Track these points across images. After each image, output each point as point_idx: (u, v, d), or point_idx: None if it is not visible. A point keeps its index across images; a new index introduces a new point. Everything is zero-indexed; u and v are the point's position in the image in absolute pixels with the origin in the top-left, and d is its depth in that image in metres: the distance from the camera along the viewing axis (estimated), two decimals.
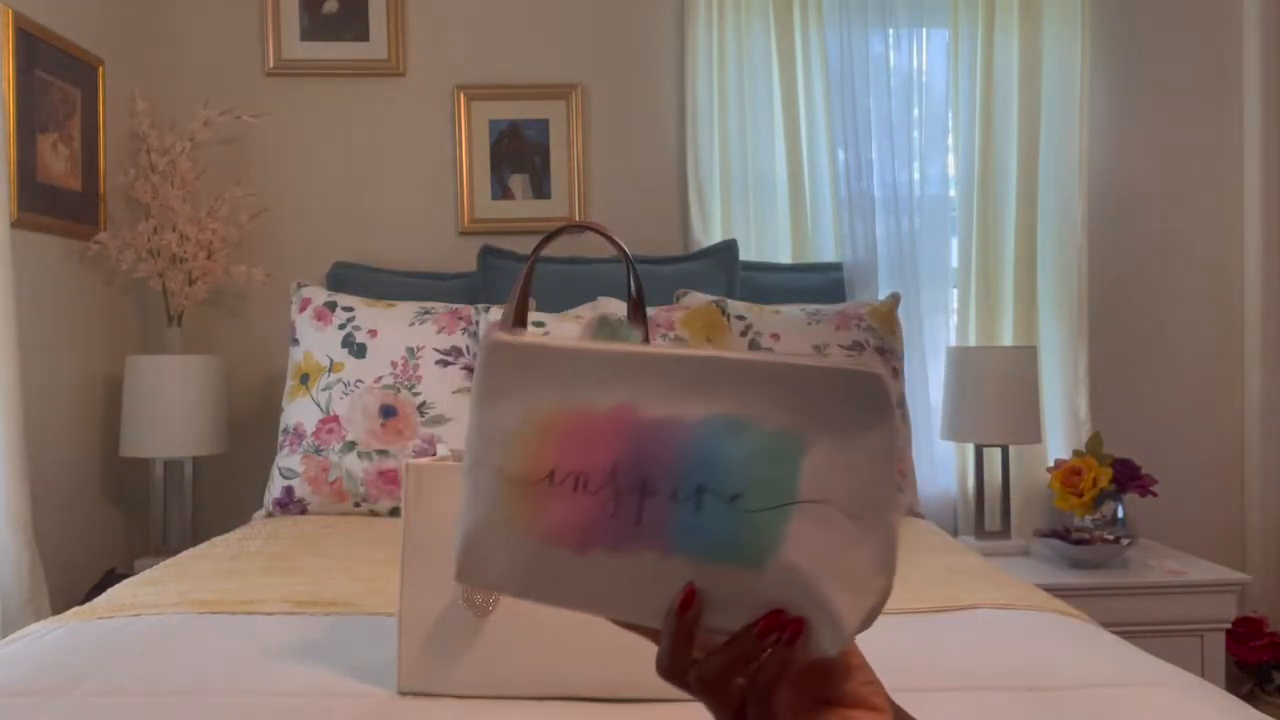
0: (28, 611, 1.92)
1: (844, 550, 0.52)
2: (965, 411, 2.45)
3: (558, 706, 1.08)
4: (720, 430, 0.53)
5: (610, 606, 0.56)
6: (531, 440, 0.56)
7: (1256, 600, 2.59)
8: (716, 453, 0.53)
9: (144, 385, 2.37)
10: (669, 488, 0.53)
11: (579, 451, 0.55)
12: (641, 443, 0.54)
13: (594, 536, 0.54)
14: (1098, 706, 1.08)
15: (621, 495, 0.54)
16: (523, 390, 0.57)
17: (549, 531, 0.55)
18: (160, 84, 2.70)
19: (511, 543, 0.56)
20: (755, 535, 0.52)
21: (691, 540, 0.53)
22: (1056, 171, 2.66)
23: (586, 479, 0.54)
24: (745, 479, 0.52)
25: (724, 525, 0.52)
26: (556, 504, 0.55)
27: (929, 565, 1.69)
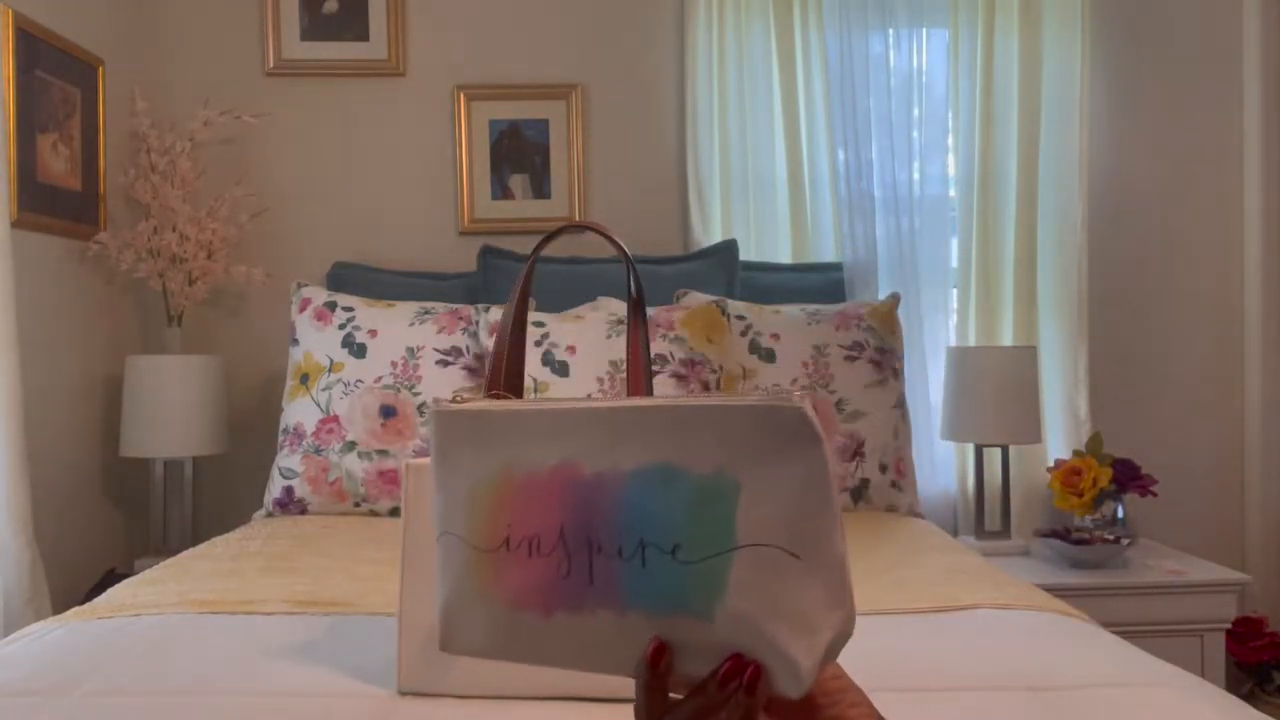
0: (29, 611, 1.92)
1: (790, 591, 0.50)
2: (965, 411, 2.45)
3: (558, 706, 1.08)
4: (654, 480, 0.52)
5: (584, 663, 0.56)
6: (485, 506, 0.57)
7: (1256, 600, 2.59)
8: (652, 505, 0.52)
9: (144, 385, 2.37)
10: (614, 545, 0.53)
11: (529, 515, 0.55)
12: (583, 501, 0.54)
13: (553, 599, 0.54)
14: (1098, 706, 1.08)
15: (572, 556, 0.54)
16: (473, 457, 0.58)
17: (513, 597, 0.55)
18: (160, 84, 2.70)
19: (483, 610, 0.57)
20: (700, 586, 0.51)
21: (642, 596, 0.52)
22: (1056, 171, 2.66)
23: (539, 543, 0.55)
24: (682, 529, 0.51)
25: (669, 579, 0.51)
26: (515, 570, 0.55)
27: (929, 565, 1.69)
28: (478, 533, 0.57)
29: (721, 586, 0.50)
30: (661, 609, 0.52)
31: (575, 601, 0.54)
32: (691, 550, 0.51)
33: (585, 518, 0.53)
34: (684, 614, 0.51)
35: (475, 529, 0.57)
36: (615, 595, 0.53)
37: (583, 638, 0.54)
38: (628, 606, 0.52)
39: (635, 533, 0.52)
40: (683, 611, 0.51)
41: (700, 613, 0.51)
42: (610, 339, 2.14)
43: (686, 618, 0.51)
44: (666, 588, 0.51)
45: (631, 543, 0.52)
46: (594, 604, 0.53)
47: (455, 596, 0.58)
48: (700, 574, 0.51)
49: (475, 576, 0.57)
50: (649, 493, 0.52)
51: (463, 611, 0.58)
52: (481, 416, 0.58)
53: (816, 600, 0.50)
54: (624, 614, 0.53)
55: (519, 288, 0.68)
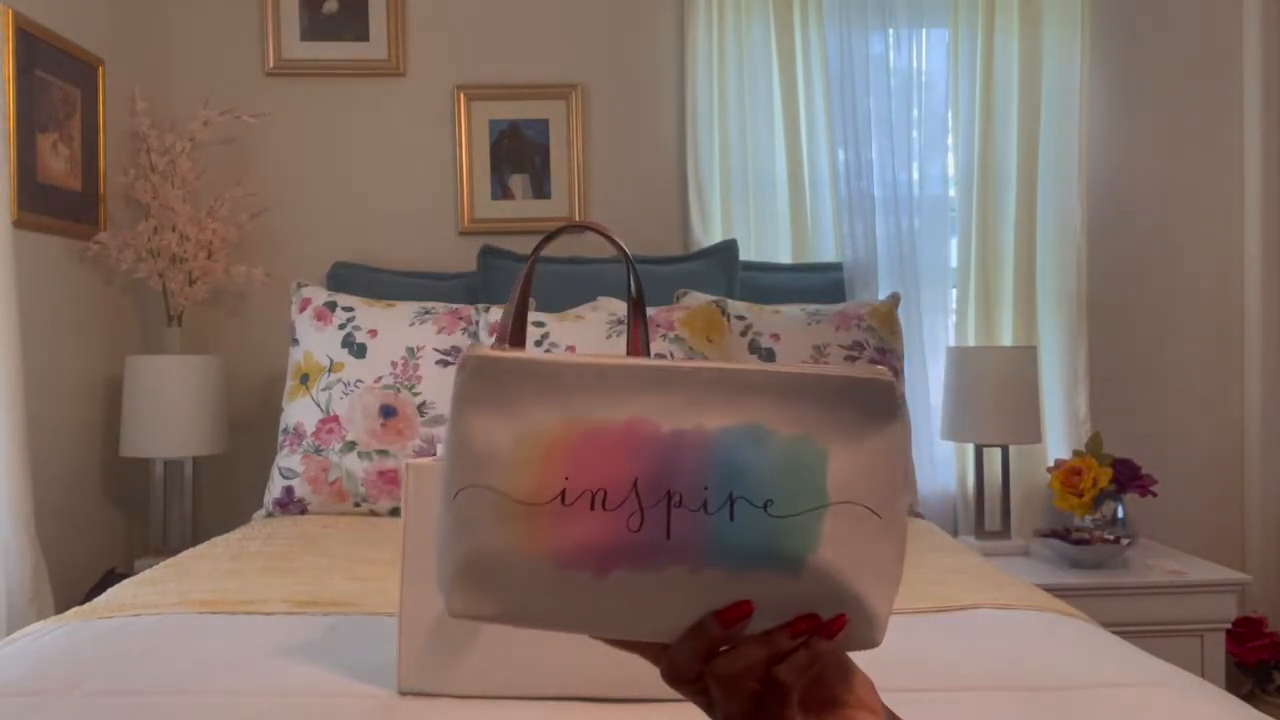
0: (31, 611, 1.92)
1: (872, 546, 0.53)
2: (965, 411, 2.45)
3: (558, 706, 1.08)
4: (743, 439, 0.53)
5: (626, 627, 0.54)
6: (535, 459, 0.54)
7: (1256, 600, 2.59)
8: (743, 461, 0.52)
9: (144, 385, 2.37)
10: (698, 499, 0.52)
11: (594, 468, 0.53)
12: (663, 456, 0.53)
13: (616, 556, 0.52)
14: (1098, 706, 1.08)
15: (646, 510, 0.52)
16: (522, 407, 0.55)
17: (565, 554, 0.53)
18: (160, 84, 2.70)
19: (517, 570, 0.54)
20: (792, 540, 0.52)
21: (726, 551, 0.52)
22: (1056, 171, 2.66)
23: (605, 496, 0.52)
24: (775, 485, 0.52)
25: (760, 533, 0.52)
26: (571, 525, 0.53)
27: (929, 565, 1.69)
28: (523, 485, 0.53)
29: (815, 539, 0.52)
30: (744, 565, 0.52)
31: (643, 557, 0.52)
32: (785, 505, 0.52)
33: (665, 471, 0.52)
34: (767, 569, 0.52)
35: (519, 481, 0.53)
36: (694, 549, 0.52)
37: (638, 598, 0.53)
38: (706, 561, 0.52)
39: (724, 486, 0.52)
40: (767, 566, 0.52)
41: (789, 566, 0.52)
42: (610, 339, 2.14)
43: (769, 572, 0.52)
44: (755, 541, 0.52)
45: (719, 496, 0.52)
46: (666, 559, 0.52)
47: (482, 554, 0.54)
48: (795, 526, 0.52)
49: (510, 533, 0.53)
50: (737, 450, 0.53)
51: (490, 570, 0.54)
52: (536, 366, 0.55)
53: (891, 555, 0.54)
54: (699, 570, 0.52)
55: (519, 287, 0.68)
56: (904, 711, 0.62)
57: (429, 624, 1.10)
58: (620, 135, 2.76)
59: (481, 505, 0.54)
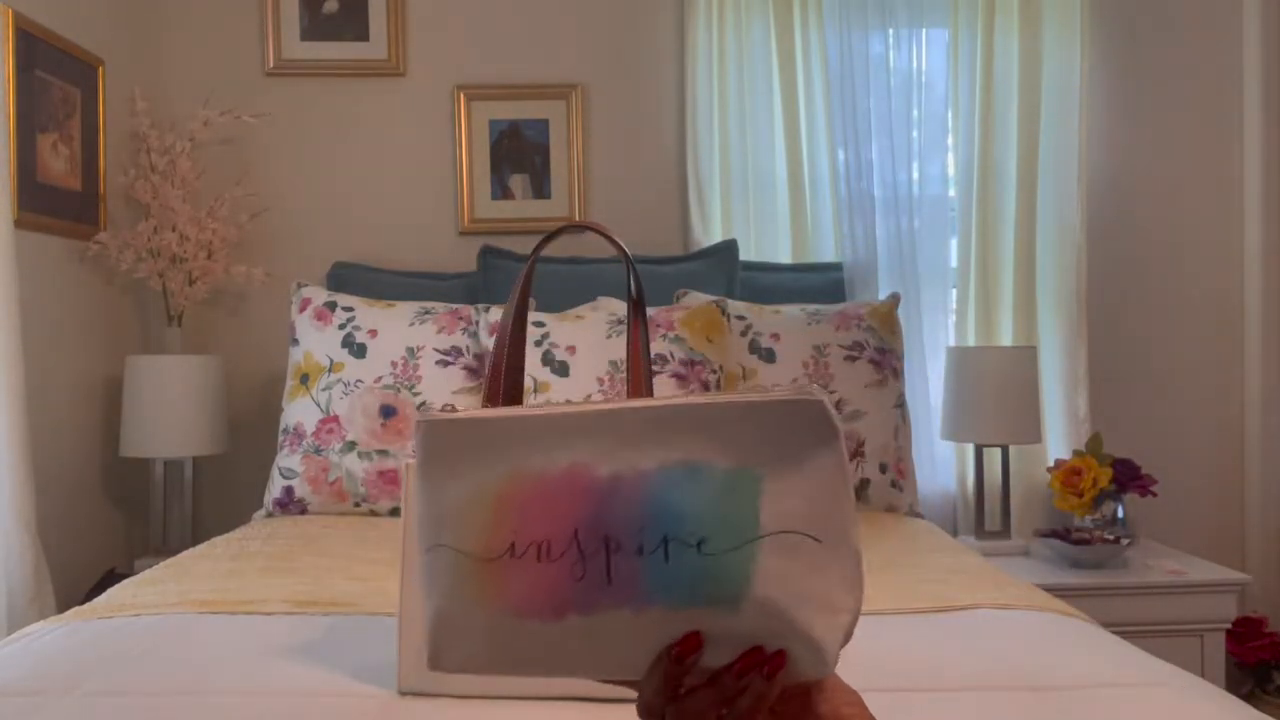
0: (32, 611, 1.92)
1: (814, 575, 0.52)
2: (965, 411, 2.45)
3: (557, 706, 1.08)
4: (675, 478, 0.53)
5: (592, 668, 0.55)
6: (487, 515, 0.55)
7: (1256, 600, 2.59)
8: (675, 501, 0.53)
9: (144, 385, 2.37)
10: (634, 543, 0.53)
11: (537, 520, 0.54)
12: (599, 502, 0.53)
13: (565, 603, 0.54)
14: (1098, 706, 1.08)
15: (587, 558, 0.53)
16: (469, 466, 0.57)
17: (518, 605, 0.54)
18: (160, 84, 2.70)
19: (481, 622, 0.56)
20: (725, 577, 0.52)
21: (663, 591, 0.53)
22: (1056, 171, 2.66)
23: (549, 547, 0.54)
24: (707, 522, 0.52)
25: (693, 571, 0.52)
26: (522, 576, 0.54)
27: (929, 565, 1.69)
28: (476, 542, 0.56)
29: (748, 574, 0.52)
30: (683, 602, 0.52)
31: (589, 603, 0.53)
32: (717, 542, 0.52)
33: (602, 517, 0.53)
34: (707, 605, 0.52)
35: (473, 538, 0.56)
36: (634, 592, 0.53)
37: (594, 640, 0.54)
38: (647, 603, 0.53)
39: (658, 528, 0.52)
40: (706, 603, 0.52)
41: (725, 603, 0.52)
42: (610, 339, 2.14)
43: (709, 609, 0.52)
44: (691, 580, 0.52)
45: (654, 538, 0.52)
46: (610, 603, 0.53)
47: (448, 610, 0.56)
48: (727, 564, 0.52)
49: (472, 587, 0.56)
50: (671, 489, 0.53)
51: (457, 625, 0.56)
52: (478, 424, 0.57)
53: (837, 583, 0.53)
54: (641, 610, 0.53)
55: (519, 287, 0.68)
56: (905, 711, 0.62)
57: None
58: (620, 135, 2.76)
59: (445, 563, 0.57)
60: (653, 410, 0.54)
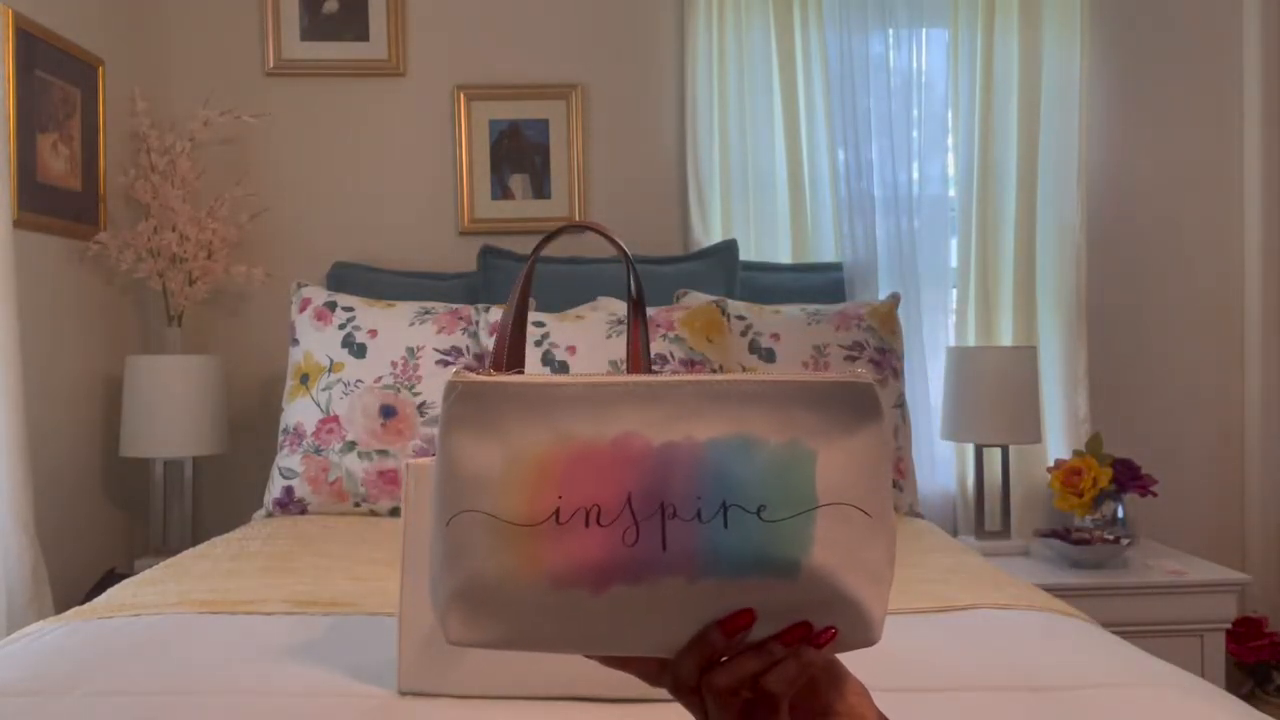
0: (30, 611, 1.92)
1: (864, 545, 0.54)
2: (965, 411, 2.45)
3: (557, 706, 1.07)
4: (732, 448, 0.53)
5: (626, 644, 0.55)
6: (527, 481, 0.54)
7: (1256, 600, 2.59)
8: (733, 469, 0.53)
9: (144, 385, 2.37)
10: (692, 509, 0.52)
11: (586, 485, 0.53)
12: (655, 469, 0.53)
13: (613, 571, 0.52)
14: (1098, 706, 1.07)
15: (640, 524, 0.52)
16: (507, 429, 0.54)
17: (561, 573, 0.53)
18: (160, 84, 2.70)
19: (513, 594, 0.53)
20: (786, 543, 0.52)
21: (722, 558, 0.52)
22: (1056, 171, 2.66)
23: (599, 512, 0.53)
24: (766, 491, 0.53)
25: (754, 538, 0.52)
26: (566, 543, 0.53)
27: (929, 565, 1.69)
28: (515, 508, 0.53)
29: (807, 541, 0.53)
30: (739, 571, 0.52)
31: (640, 570, 0.53)
32: (776, 509, 0.53)
33: (658, 484, 0.53)
34: (763, 575, 0.53)
35: (512, 503, 0.53)
36: (690, 559, 0.52)
37: (636, 613, 0.53)
38: (701, 573, 0.53)
39: (717, 495, 0.53)
40: (763, 572, 0.53)
41: (784, 571, 0.53)
42: (610, 339, 2.14)
43: (764, 578, 0.53)
44: (751, 546, 0.52)
45: (713, 505, 0.52)
46: (662, 571, 0.53)
47: (478, 580, 0.53)
48: (787, 530, 0.53)
49: (508, 554, 0.53)
50: (728, 459, 0.53)
51: (485, 596, 0.54)
52: (517, 389, 0.55)
53: (882, 554, 0.55)
54: (695, 580, 0.53)
55: (519, 287, 0.68)
56: (904, 712, 0.62)
57: (429, 624, 1.10)
58: (620, 135, 2.76)
59: (475, 530, 0.54)
60: (706, 383, 0.55)
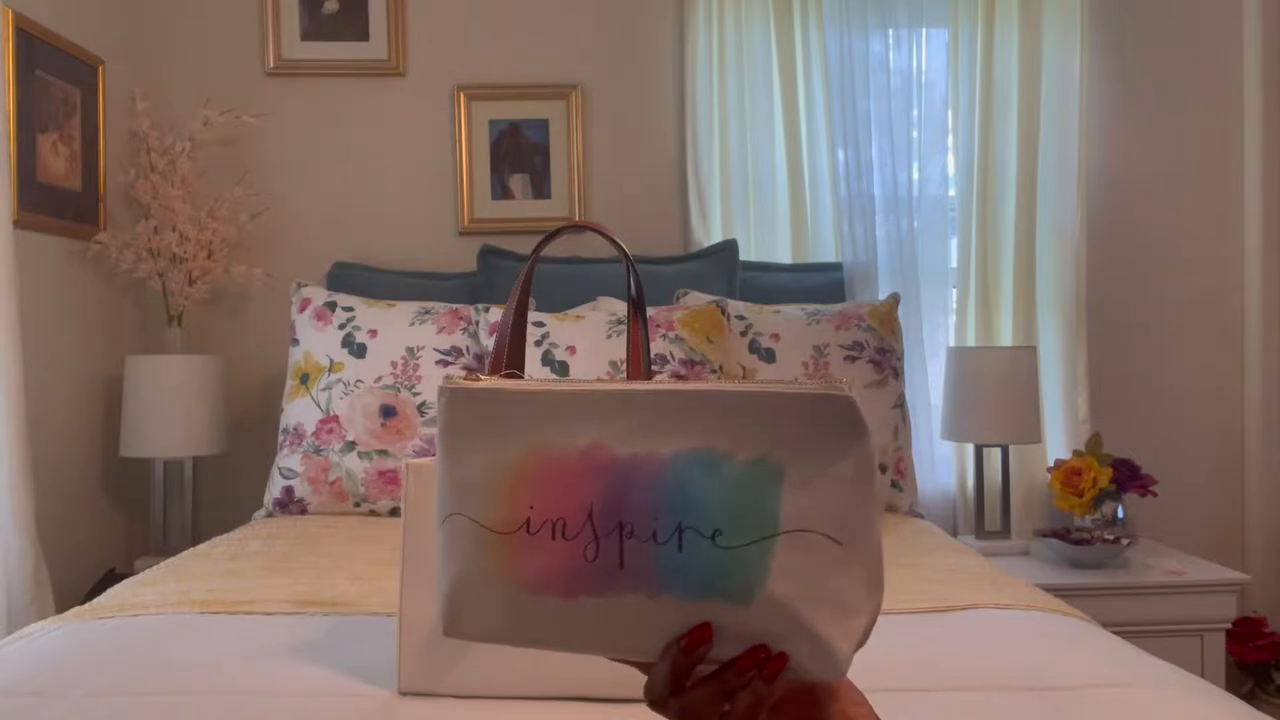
0: (31, 611, 1.92)
1: (831, 576, 0.51)
2: (965, 411, 2.45)
3: (557, 706, 1.07)
4: (696, 466, 0.52)
5: (603, 647, 0.55)
6: (504, 489, 0.55)
7: (1256, 600, 2.59)
8: (693, 490, 0.52)
9: (144, 385, 2.37)
10: (648, 529, 0.52)
11: (554, 497, 0.54)
12: (616, 484, 0.53)
13: (578, 583, 0.53)
14: (1098, 706, 1.07)
15: (601, 540, 0.53)
16: (489, 437, 0.56)
17: (532, 581, 0.54)
18: (160, 84, 2.70)
19: (496, 594, 0.55)
20: (740, 571, 0.51)
21: (676, 580, 0.52)
22: (1056, 171, 2.66)
23: (564, 525, 0.53)
24: (724, 514, 0.51)
25: (707, 564, 0.51)
26: (536, 553, 0.54)
27: (929, 565, 1.69)
28: (493, 514, 0.55)
29: (763, 572, 0.51)
30: (695, 594, 0.52)
31: (601, 585, 0.53)
32: (733, 535, 0.51)
33: (618, 500, 0.53)
34: (718, 599, 0.51)
35: (490, 511, 0.55)
36: (647, 578, 0.52)
37: (607, 621, 0.54)
38: (659, 590, 0.52)
39: (673, 516, 0.52)
40: (718, 597, 0.51)
41: (737, 598, 0.51)
42: (610, 339, 2.14)
43: (721, 603, 0.52)
44: (704, 572, 0.51)
45: (668, 526, 0.52)
46: (623, 588, 0.53)
47: (464, 580, 0.56)
48: (741, 559, 0.51)
49: (488, 559, 0.55)
50: (689, 477, 0.52)
51: (472, 595, 0.56)
52: (501, 395, 0.56)
53: (857, 585, 0.52)
54: (654, 596, 0.52)
55: (519, 287, 0.68)
56: (905, 711, 0.62)
57: (429, 624, 1.10)
58: (620, 135, 2.76)
59: (463, 532, 0.56)
60: (677, 394, 0.53)
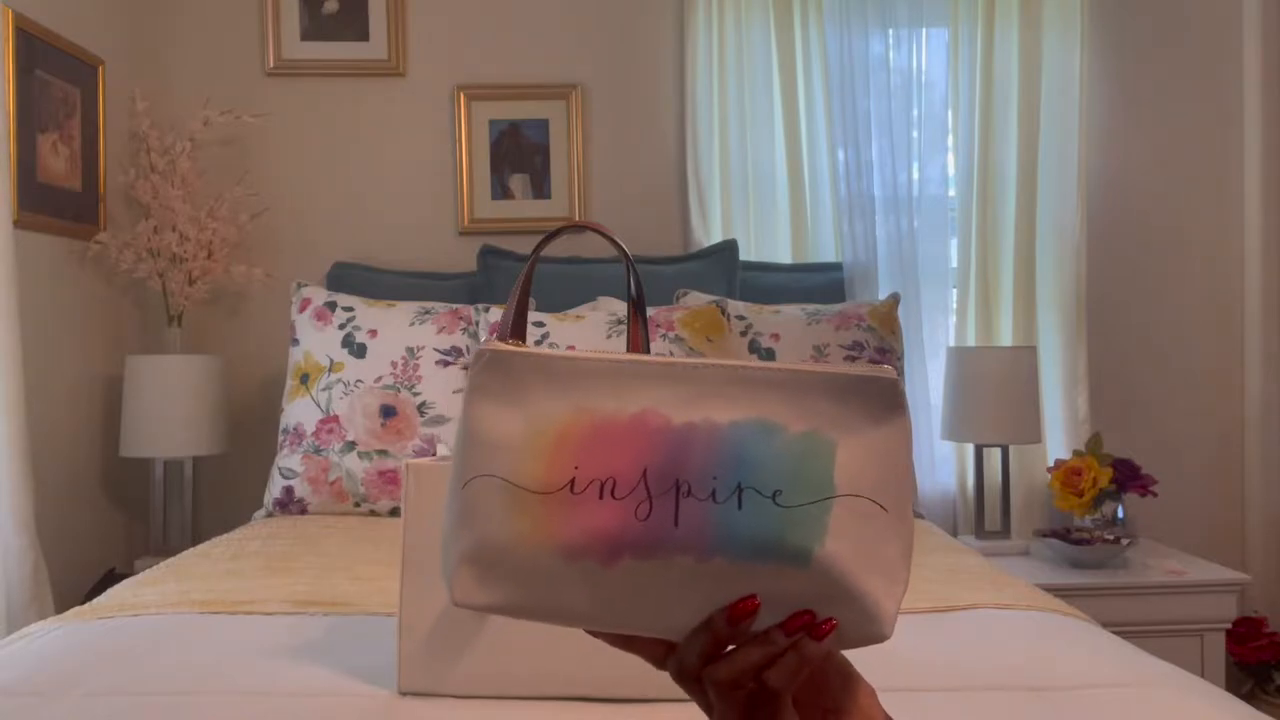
0: (30, 612, 1.92)
1: (879, 541, 0.53)
2: (965, 411, 2.45)
3: (558, 706, 1.08)
4: (752, 432, 0.53)
5: (634, 621, 0.54)
6: (546, 448, 0.54)
7: (1256, 600, 2.59)
8: (752, 452, 0.53)
9: (144, 385, 2.37)
10: (707, 489, 0.52)
11: (604, 457, 0.53)
12: (672, 446, 0.53)
13: (624, 544, 0.52)
14: (1098, 706, 1.08)
15: (655, 499, 0.52)
16: (533, 398, 0.55)
17: (572, 542, 0.53)
18: (160, 84, 2.70)
19: (523, 559, 0.54)
20: (799, 530, 0.52)
21: (733, 540, 0.52)
22: (1056, 171, 2.66)
23: (614, 485, 0.53)
24: (783, 476, 0.52)
25: (767, 522, 0.52)
26: (580, 513, 0.53)
27: (929, 565, 1.69)
28: (532, 475, 0.54)
29: (821, 530, 0.52)
30: (751, 555, 0.52)
31: (650, 547, 0.52)
32: (793, 495, 0.52)
33: (675, 461, 0.53)
34: (774, 560, 0.52)
35: (529, 470, 0.54)
36: (701, 539, 0.52)
37: (645, 589, 0.53)
38: (712, 552, 0.52)
39: (733, 476, 0.52)
40: (774, 557, 0.52)
41: (795, 558, 0.52)
42: (610, 339, 2.14)
43: (775, 564, 0.52)
44: (763, 531, 0.52)
45: (728, 486, 0.52)
46: (673, 549, 0.52)
47: (488, 543, 0.54)
48: (801, 517, 0.52)
49: (521, 521, 0.53)
50: (747, 442, 0.53)
51: (497, 559, 0.54)
52: (547, 360, 0.56)
53: (899, 552, 0.54)
54: (705, 559, 0.52)
55: (519, 287, 0.68)
56: (905, 711, 0.62)
57: (429, 624, 1.10)
58: (620, 135, 2.76)
59: (491, 494, 0.54)
60: (730, 368, 0.54)
